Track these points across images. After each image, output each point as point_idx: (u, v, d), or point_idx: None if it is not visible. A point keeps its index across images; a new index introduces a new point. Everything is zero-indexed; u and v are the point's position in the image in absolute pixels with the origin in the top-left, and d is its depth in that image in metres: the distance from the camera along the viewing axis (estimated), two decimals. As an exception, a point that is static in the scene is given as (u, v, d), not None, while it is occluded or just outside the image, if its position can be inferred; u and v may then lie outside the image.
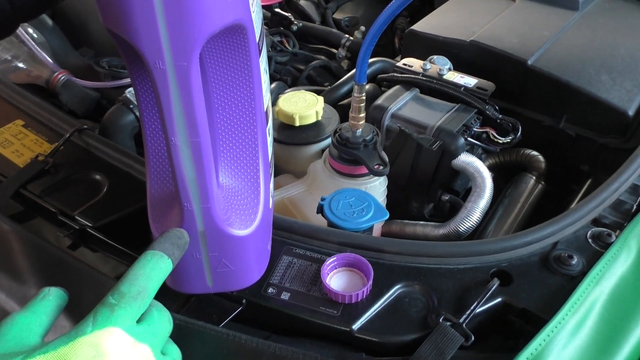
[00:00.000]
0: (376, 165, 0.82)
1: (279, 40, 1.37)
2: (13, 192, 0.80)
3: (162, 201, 0.59)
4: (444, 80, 1.00)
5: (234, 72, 0.55)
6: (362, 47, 0.74)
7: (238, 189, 0.59)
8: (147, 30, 0.45)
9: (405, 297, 0.64)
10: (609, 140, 0.97)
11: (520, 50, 1.04)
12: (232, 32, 0.51)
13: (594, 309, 0.61)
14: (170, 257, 0.51)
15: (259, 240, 0.61)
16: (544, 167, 1.01)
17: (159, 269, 0.50)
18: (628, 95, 0.98)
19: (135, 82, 0.56)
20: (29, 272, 0.72)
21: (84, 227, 0.74)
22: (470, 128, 0.93)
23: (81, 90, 1.19)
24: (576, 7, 1.17)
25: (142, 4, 0.44)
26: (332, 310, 0.62)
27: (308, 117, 0.97)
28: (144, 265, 0.50)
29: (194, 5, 0.44)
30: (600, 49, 1.06)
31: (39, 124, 0.92)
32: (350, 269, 0.66)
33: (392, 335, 0.60)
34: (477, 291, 0.63)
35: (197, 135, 0.50)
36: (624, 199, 0.76)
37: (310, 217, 0.87)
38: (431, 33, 1.12)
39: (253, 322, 0.63)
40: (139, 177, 0.81)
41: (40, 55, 1.18)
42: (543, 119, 1.02)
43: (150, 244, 0.52)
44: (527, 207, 0.98)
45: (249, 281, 0.63)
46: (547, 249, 0.68)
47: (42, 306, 0.51)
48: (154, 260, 0.50)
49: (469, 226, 0.86)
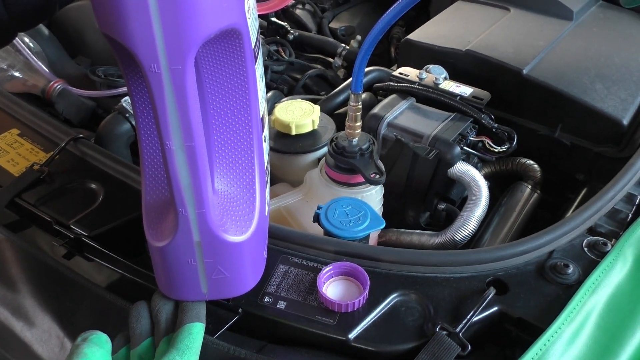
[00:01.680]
0: (372, 174, 0.82)
1: (275, 50, 1.38)
2: (8, 201, 0.80)
3: (157, 208, 0.59)
4: (440, 89, 1.01)
5: (230, 77, 0.55)
6: (359, 56, 0.74)
7: (233, 195, 0.59)
8: (143, 33, 0.45)
9: (402, 306, 0.63)
10: (604, 149, 0.97)
11: (515, 59, 1.04)
12: (227, 37, 0.51)
13: (591, 318, 0.61)
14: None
15: (255, 247, 0.61)
16: (540, 176, 1.02)
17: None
18: (622, 104, 0.98)
19: (131, 87, 0.56)
20: (22, 281, 0.72)
21: (79, 236, 0.73)
22: (466, 137, 0.93)
23: (77, 99, 1.19)
24: (571, 17, 1.18)
25: (137, 7, 0.44)
26: (329, 319, 0.61)
27: (304, 126, 0.97)
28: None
29: (189, 9, 0.45)
30: (594, 59, 1.07)
31: (35, 133, 0.92)
32: (346, 278, 0.66)
33: (388, 344, 0.60)
34: (474, 300, 0.63)
35: (192, 139, 0.50)
36: (619, 208, 0.76)
37: (307, 226, 0.87)
38: (427, 42, 1.13)
39: (249, 332, 0.63)
40: (135, 186, 0.81)
41: (36, 65, 1.18)
42: (538, 128, 1.03)
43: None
44: (522, 216, 0.98)
45: (244, 288, 0.62)
46: (543, 258, 0.68)
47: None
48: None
49: (465, 235, 0.86)
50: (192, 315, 0.58)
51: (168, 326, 0.59)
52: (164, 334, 0.58)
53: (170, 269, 0.58)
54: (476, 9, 1.25)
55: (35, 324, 0.69)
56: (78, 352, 0.53)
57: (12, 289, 0.72)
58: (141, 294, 0.63)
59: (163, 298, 0.61)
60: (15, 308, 0.70)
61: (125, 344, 0.58)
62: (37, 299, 0.70)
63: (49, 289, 0.71)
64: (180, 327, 0.57)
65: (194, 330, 0.56)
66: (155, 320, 0.60)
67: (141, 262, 0.69)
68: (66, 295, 0.69)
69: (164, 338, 0.57)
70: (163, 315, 0.60)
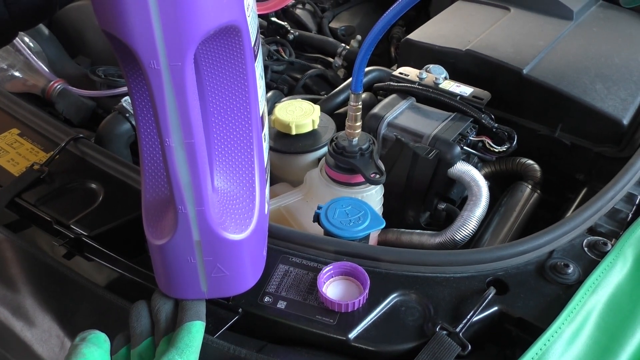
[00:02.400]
0: (372, 174, 0.82)
1: (275, 49, 1.38)
2: (8, 201, 0.80)
3: (157, 206, 0.59)
4: (440, 89, 1.01)
5: (229, 75, 0.55)
6: (359, 56, 0.74)
7: (233, 193, 0.59)
8: (142, 30, 0.45)
9: (402, 306, 0.63)
10: (604, 149, 0.97)
11: (515, 59, 1.04)
12: (227, 34, 0.51)
13: (591, 317, 0.61)
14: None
15: (254, 246, 0.61)
16: (540, 175, 1.02)
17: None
18: (622, 104, 0.98)
19: (131, 85, 0.56)
20: (23, 281, 0.72)
21: (79, 236, 0.73)
22: (466, 137, 0.93)
23: (77, 99, 1.18)
24: (571, 17, 1.18)
25: (137, 3, 0.44)
26: (329, 319, 0.61)
27: (304, 126, 0.97)
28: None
29: (188, 5, 0.45)
30: (594, 59, 1.07)
31: (35, 133, 0.92)
32: (346, 278, 0.66)
33: (388, 344, 0.60)
34: (474, 300, 0.63)
35: (191, 136, 0.50)
36: (619, 208, 0.76)
37: (307, 226, 0.87)
38: (427, 42, 1.13)
39: (249, 332, 0.63)
40: (135, 186, 0.81)
41: (36, 64, 1.18)
42: (538, 128, 1.03)
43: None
44: (523, 215, 0.98)
45: (243, 287, 0.62)
46: (543, 258, 0.68)
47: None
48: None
49: (465, 235, 0.86)
50: (191, 313, 0.58)
51: (168, 325, 0.59)
52: (164, 333, 0.58)
53: (170, 267, 0.58)
54: (476, 8, 1.25)
55: (35, 324, 0.69)
56: (76, 353, 0.53)
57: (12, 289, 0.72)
58: (141, 294, 0.63)
59: (163, 297, 0.61)
60: (15, 308, 0.70)
61: (126, 344, 0.59)
62: (37, 299, 0.70)
63: (49, 289, 0.71)
64: (180, 325, 0.57)
65: (193, 328, 0.56)
66: (155, 319, 0.60)
67: (141, 262, 0.69)
68: (66, 295, 0.69)
69: (164, 337, 0.57)
70: (163, 314, 0.60)
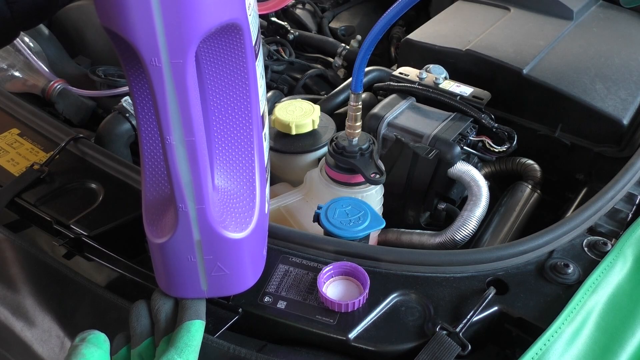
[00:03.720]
0: (372, 174, 0.82)
1: (275, 49, 1.38)
2: (8, 200, 0.80)
3: (157, 204, 0.59)
4: (440, 89, 1.01)
5: (230, 73, 0.55)
6: (359, 56, 0.74)
7: (234, 192, 0.59)
8: (144, 26, 0.45)
9: (402, 306, 0.63)
10: (604, 149, 0.97)
11: (515, 59, 1.04)
12: (228, 32, 0.51)
13: (591, 317, 0.61)
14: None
15: (255, 245, 0.61)
16: (540, 175, 1.02)
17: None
18: (622, 104, 0.98)
19: (132, 82, 0.56)
20: (23, 281, 0.72)
21: (79, 236, 0.73)
22: (466, 137, 0.93)
23: (77, 99, 1.19)
24: (571, 17, 1.18)
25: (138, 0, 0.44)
26: (329, 319, 0.61)
27: (304, 126, 0.97)
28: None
29: (190, 3, 0.45)
30: (594, 58, 1.07)
31: (35, 133, 0.92)
32: (346, 278, 0.66)
33: (388, 344, 0.60)
34: (474, 300, 0.63)
35: (192, 134, 0.50)
36: (619, 208, 0.76)
37: (307, 226, 0.87)
38: (427, 42, 1.13)
39: (249, 331, 0.63)
40: (135, 186, 0.81)
41: (36, 64, 1.18)
42: (538, 127, 1.03)
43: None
44: (523, 215, 0.98)
45: (244, 286, 0.62)
46: (543, 258, 0.68)
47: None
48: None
49: (465, 235, 0.86)
50: (191, 313, 0.58)
51: (168, 325, 0.59)
52: (164, 333, 0.58)
53: (170, 266, 0.58)
54: (476, 8, 1.25)
55: (35, 324, 0.69)
56: (76, 353, 0.53)
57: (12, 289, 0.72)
58: (141, 294, 0.63)
59: (163, 296, 0.61)
60: (15, 308, 0.70)
61: (126, 344, 0.59)
62: (37, 299, 0.70)
63: (49, 289, 0.71)
64: (180, 325, 0.57)
65: (192, 328, 0.56)
66: (155, 319, 0.60)
67: (141, 262, 0.69)
68: (66, 295, 0.69)
69: (164, 337, 0.57)
70: (163, 314, 0.60)
